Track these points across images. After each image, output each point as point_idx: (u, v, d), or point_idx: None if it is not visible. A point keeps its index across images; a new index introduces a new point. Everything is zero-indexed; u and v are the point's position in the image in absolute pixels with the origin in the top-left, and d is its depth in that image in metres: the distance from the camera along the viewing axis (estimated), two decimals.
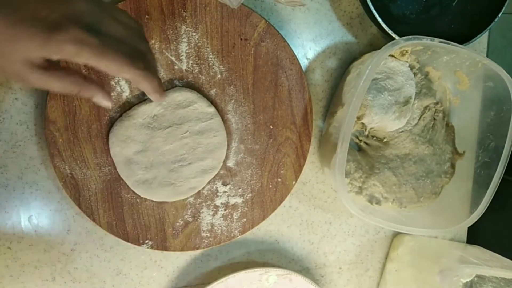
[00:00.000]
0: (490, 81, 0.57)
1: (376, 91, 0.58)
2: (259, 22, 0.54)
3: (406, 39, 0.51)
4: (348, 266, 0.67)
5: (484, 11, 0.59)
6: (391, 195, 0.62)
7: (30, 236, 0.55)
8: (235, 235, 0.58)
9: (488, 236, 0.69)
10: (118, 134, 0.53)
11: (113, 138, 0.53)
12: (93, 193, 0.53)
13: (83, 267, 0.57)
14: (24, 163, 0.53)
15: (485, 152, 0.59)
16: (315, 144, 0.62)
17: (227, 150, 0.56)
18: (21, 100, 0.53)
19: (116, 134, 0.53)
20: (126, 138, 0.53)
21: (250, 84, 0.55)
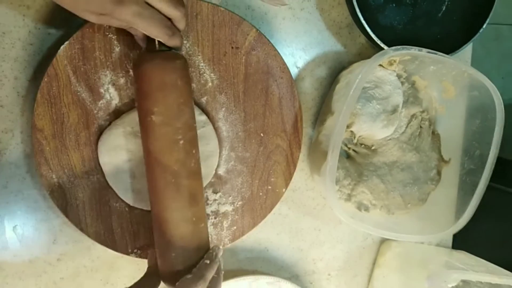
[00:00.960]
0: (475, 90, 0.58)
1: (365, 100, 0.59)
2: (250, 31, 0.54)
3: (395, 49, 0.52)
4: (337, 273, 0.67)
5: (469, 22, 0.60)
6: (379, 202, 0.63)
7: (15, 246, 0.53)
8: (225, 243, 0.58)
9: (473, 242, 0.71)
10: (107, 143, 0.52)
11: (102, 147, 0.52)
12: (81, 202, 0.52)
13: (70, 277, 0.56)
14: (9, 172, 0.52)
15: (470, 160, 0.61)
16: (305, 151, 0.62)
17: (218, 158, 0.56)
18: (7, 107, 0.51)
19: (105, 143, 0.52)
20: (115, 146, 0.52)
21: (241, 92, 0.55)
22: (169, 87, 0.45)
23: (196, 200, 0.47)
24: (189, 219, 0.47)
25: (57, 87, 0.50)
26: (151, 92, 0.45)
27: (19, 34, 0.50)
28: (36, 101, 0.49)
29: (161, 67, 0.45)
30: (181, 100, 0.46)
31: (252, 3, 0.57)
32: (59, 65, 0.49)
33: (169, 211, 0.46)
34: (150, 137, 0.46)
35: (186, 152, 0.46)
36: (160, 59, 0.45)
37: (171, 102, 0.45)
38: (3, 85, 0.51)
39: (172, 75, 0.45)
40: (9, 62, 0.50)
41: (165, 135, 0.45)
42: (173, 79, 0.45)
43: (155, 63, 0.45)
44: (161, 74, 0.45)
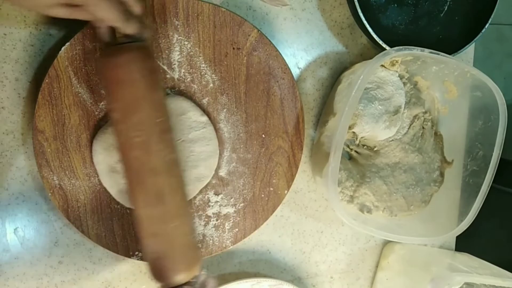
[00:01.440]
0: (478, 91, 0.58)
1: (367, 101, 0.59)
2: (251, 32, 0.54)
3: (397, 49, 0.52)
4: (340, 275, 0.66)
5: (471, 22, 0.60)
6: (382, 204, 0.62)
7: (16, 248, 0.53)
8: (226, 245, 0.57)
9: (477, 243, 0.70)
10: (101, 142, 0.51)
11: (96, 146, 0.51)
12: (82, 204, 0.52)
13: (71, 280, 0.55)
14: (10, 174, 0.52)
15: (473, 161, 0.60)
16: (307, 153, 0.62)
17: (219, 160, 0.56)
18: (8, 109, 0.51)
19: (99, 141, 0.51)
20: (109, 145, 0.51)
21: (242, 93, 0.55)
22: (123, 82, 0.44)
23: (163, 198, 0.46)
24: (157, 217, 0.46)
25: (58, 88, 0.49)
26: (107, 88, 0.44)
27: (20, 35, 0.50)
28: (37, 102, 0.49)
29: (113, 61, 0.44)
30: (138, 94, 0.44)
31: (253, 3, 0.57)
32: (60, 66, 0.49)
33: (137, 209, 0.46)
34: (115, 134, 0.45)
35: (145, 149, 0.44)
36: (112, 52, 0.44)
37: (126, 97, 0.44)
38: (4, 86, 0.51)
39: (124, 69, 0.43)
40: (10, 63, 0.50)
41: (121, 132, 0.45)
42: (126, 73, 0.43)
43: (107, 58, 0.44)
44: (113, 69, 0.44)
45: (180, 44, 0.52)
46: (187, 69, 0.53)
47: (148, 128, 0.45)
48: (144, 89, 0.44)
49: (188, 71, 0.53)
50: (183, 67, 0.53)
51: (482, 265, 0.63)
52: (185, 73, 0.53)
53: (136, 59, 0.44)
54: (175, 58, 0.53)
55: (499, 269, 0.60)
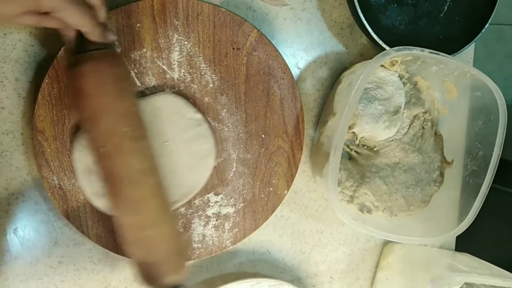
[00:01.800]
0: (478, 91, 0.58)
1: (366, 101, 0.59)
2: (251, 32, 0.54)
3: (397, 49, 0.52)
4: (339, 275, 0.66)
5: (471, 22, 0.60)
6: (382, 204, 0.62)
7: (16, 248, 0.53)
8: (226, 245, 0.57)
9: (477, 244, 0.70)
10: (81, 138, 0.50)
11: (75, 142, 0.50)
12: (82, 204, 0.52)
13: (71, 280, 0.55)
14: (10, 174, 0.52)
15: (473, 161, 0.60)
16: (307, 153, 0.62)
17: (219, 160, 0.56)
18: (8, 109, 0.51)
19: (79, 137, 0.50)
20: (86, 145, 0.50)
21: (242, 93, 0.55)
22: (86, 91, 0.43)
23: (135, 207, 0.45)
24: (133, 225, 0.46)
25: (58, 88, 0.49)
26: (73, 98, 0.44)
27: (20, 35, 0.50)
28: (37, 102, 0.49)
29: (77, 70, 0.43)
30: (101, 104, 0.43)
31: (253, 3, 0.57)
32: (60, 67, 0.49)
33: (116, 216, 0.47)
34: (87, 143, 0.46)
35: (112, 159, 0.44)
36: (77, 61, 0.43)
37: (89, 107, 0.43)
38: (4, 86, 0.51)
39: (87, 78, 0.43)
40: (10, 63, 0.50)
41: (90, 142, 0.45)
42: (89, 83, 0.43)
43: (72, 67, 0.44)
44: (76, 78, 0.43)
45: (180, 44, 0.52)
46: (187, 69, 0.53)
47: (113, 138, 0.44)
48: (108, 98, 0.44)
49: (188, 71, 0.53)
50: (183, 67, 0.53)
51: (482, 265, 0.63)
52: (185, 73, 0.53)
53: (100, 67, 0.44)
54: (175, 58, 0.53)
55: (499, 269, 0.60)
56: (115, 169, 0.45)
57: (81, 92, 0.43)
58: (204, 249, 0.56)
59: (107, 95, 0.44)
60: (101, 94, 0.43)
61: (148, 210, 0.46)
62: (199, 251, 0.56)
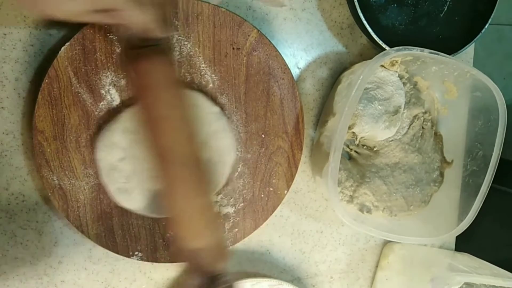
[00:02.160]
0: (478, 91, 0.58)
1: (366, 101, 0.59)
2: (251, 32, 0.54)
3: (397, 49, 0.52)
4: (339, 275, 0.66)
5: (471, 23, 0.60)
6: (382, 204, 0.62)
7: (16, 248, 0.53)
8: (226, 245, 0.57)
9: (477, 244, 0.70)
10: (104, 139, 0.51)
11: (99, 143, 0.51)
12: (82, 204, 0.52)
13: (71, 280, 0.55)
14: (10, 174, 0.52)
15: (473, 161, 0.60)
16: (307, 153, 0.62)
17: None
18: (8, 109, 0.51)
19: (103, 138, 0.51)
20: (111, 143, 0.51)
21: (242, 93, 0.55)
22: (141, 85, 0.45)
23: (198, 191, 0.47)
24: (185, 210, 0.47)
25: (58, 88, 0.49)
26: (151, 87, 0.45)
27: (20, 35, 0.50)
28: (37, 102, 0.49)
29: (140, 66, 0.45)
30: (154, 95, 0.45)
31: (253, 3, 0.57)
32: (60, 66, 0.49)
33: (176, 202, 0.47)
34: (159, 132, 0.46)
35: (172, 140, 0.46)
36: (138, 56, 0.45)
37: (146, 98, 0.45)
38: (4, 86, 0.51)
39: (150, 73, 0.45)
40: (10, 63, 0.50)
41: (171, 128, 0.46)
42: (142, 78, 0.45)
43: (133, 61, 0.45)
44: (140, 73, 0.45)
45: (180, 44, 0.52)
46: (187, 69, 0.53)
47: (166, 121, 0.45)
48: (163, 89, 0.45)
49: (188, 71, 0.53)
50: (182, 67, 0.53)
51: (482, 265, 0.63)
52: (185, 73, 0.53)
53: (156, 64, 0.45)
54: (175, 58, 0.53)
55: (499, 269, 0.60)
56: (167, 149, 0.45)
57: (140, 85, 0.45)
58: None
59: (162, 86, 0.45)
60: (157, 86, 0.45)
61: (206, 197, 0.48)
62: None
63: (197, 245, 0.47)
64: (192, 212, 0.47)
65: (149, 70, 0.45)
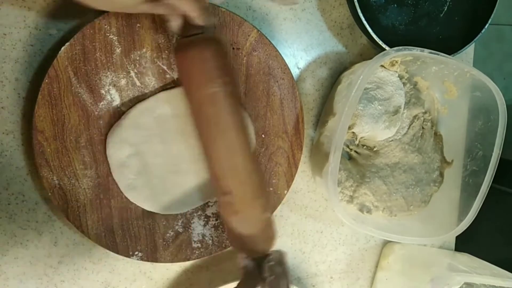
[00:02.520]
0: (478, 91, 0.58)
1: (366, 101, 0.59)
2: (251, 32, 0.54)
3: (397, 49, 0.52)
4: (339, 275, 0.66)
5: (471, 23, 0.60)
6: (382, 204, 0.62)
7: (16, 248, 0.53)
8: (226, 245, 0.57)
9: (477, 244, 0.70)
10: (114, 135, 0.52)
11: (109, 138, 0.52)
12: (82, 204, 0.52)
13: (71, 280, 0.55)
14: (10, 174, 0.52)
15: (473, 161, 0.60)
16: (307, 153, 0.62)
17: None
18: (8, 109, 0.51)
19: (113, 134, 0.52)
20: (121, 139, 0.52)
21: (242, 93, 0.55)
22: (190, 71, 0.47)
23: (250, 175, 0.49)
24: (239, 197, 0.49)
25: (58, 88, 0.49)
26: (184, 74, 0.47)
27: (20, 35, 0.50)
28: (37, 102, 0.49)
29: (190, 54, 0.46)
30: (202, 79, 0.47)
31: (253, 3, 0.57)
32: (60, 66, 0.49)
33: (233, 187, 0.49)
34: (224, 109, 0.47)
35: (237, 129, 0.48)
36: (188, 45, 0.46)
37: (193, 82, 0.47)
38: (4, 86, 0.51)
39: (200, 60, 0.46)
40: (10, 63, 0.50)
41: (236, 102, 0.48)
42: (191, 65, 0.47)
43: (183, 50, 0.47)
44: (190, 60, 0.47)
45: None
46: None
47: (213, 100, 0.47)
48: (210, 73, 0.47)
49: None
50: None
51: (482, 265, 0.63)
52: None
53: (205, 51, 0.46)
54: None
55: (499, 269, 0.60)
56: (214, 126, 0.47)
57: (189, 71, 0.47)
58: (204, 249, 0.56)
59: (210, 72, 0.46)
60: (205, 72, 0.46)
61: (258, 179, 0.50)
62: (199, 251, 0.56)
63: (250, 229, 0.50)
64: (253, 180, 0.49)
65: (198, 57, 0.46)
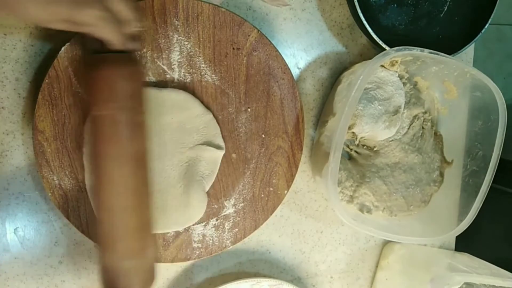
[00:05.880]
0: (478, 91, 0.58)
1: (366, 101, 0.59)
2: (251, 32, 0.54)
3: (397, 49, 0.52)
4: (339, 275, 0.66)
5: (471, 23, 0.60)
6: (382, 204, 0.62)
7: (16, 248, 0.53)
8: (226, 245, 0.57)
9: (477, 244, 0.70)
10: None
11: None
12: (82, 204, 0.52)
13: (71, 280, 0.55)
14: (10, 174, 0.52)
15: (473, 161, 0.60)
16: (307, 153, 0.62)
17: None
18: (8, 109, 0.51)
19: None
20: None
21: (242, 93, 0.55)
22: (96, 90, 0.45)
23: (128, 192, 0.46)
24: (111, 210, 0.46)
25: (58, 88, 0.50)
26: (91, 91, 0.45)
27: (20, 35, 0.50)
28: (37, 102, 0.49)
29: (92, 72, 0.45)
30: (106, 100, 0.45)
31: (253, 4, 0.57)
32: (60, 66, 0.49)
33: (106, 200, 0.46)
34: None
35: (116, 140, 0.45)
36: (92, 62, 0.45)
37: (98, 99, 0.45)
38: (4, 86, 0.51)
39: (98, 80, 0.44)
40: (10, 63, 0.50)
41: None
42: (97, 84, 0.45)
43: (94, 67, 0.44)
44: (89, 78, 0.45)
45: (180, 44, 0.53)
46: (187, 69, 0.53)
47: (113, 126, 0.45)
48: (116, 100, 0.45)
49: (188, 71, 0.53)
50: (183, 67, 0.53)
51: (482, 265, 0.63)
52: (185, 73, 0.53)
53: (114, 70, 0.44)
54: (175, 58, 0.53)
55: (499, 269, 0.60)
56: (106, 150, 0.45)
57: (94, 89, 0.45)
58: (204, 249, 0.56)
59: (117, 97, 0.44)
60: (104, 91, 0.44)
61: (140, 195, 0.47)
62: (199, 251, 0.56)
63: (128, 263, 0.46)
64: (131, 220, 0.45)
65: (110, 76, 0.44)
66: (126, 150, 0.45)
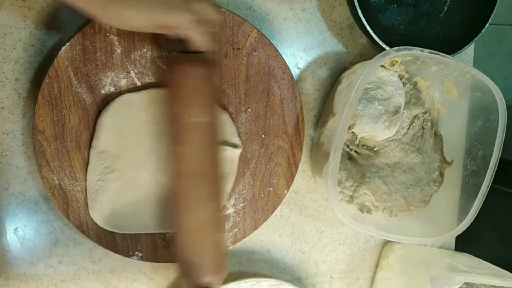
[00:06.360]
0: (478, 91, 0.58)
1: (366, 101, 0.59)
2: (251, 32, 0.54)
3: (397, 49, 0.52)
4: (339, 275, 0.66)
5: (471, 23, 0.60)
6: (382, 204, 0.62)
7: (16, 248, 0.53)
8: (226, 245, 0.57)
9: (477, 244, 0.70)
10: None
11: None
12: (82, 204, 0.52)
13: (71, 280, 0.55)
14: (10, 174, 0.52)
15: (473, 161, 0.60)
16: (307, 153, 0.62)
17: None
18: (8, 109, 0.51)
19: None
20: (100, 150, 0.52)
21: (242, 93, 0.55)
22: (178, 84, 0.48)
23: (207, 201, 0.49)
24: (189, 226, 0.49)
25: (58, 88, 0.50)
26: (174, 89, 0.47)
27: (20, 35, 0.50)
28: (37, 102, 0.49)
29: (185, 70, 0.47)
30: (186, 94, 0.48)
31: (253, 4, 0.57)
32: (60, 67, 0.49)
33: None
34: None
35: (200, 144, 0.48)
36: (183, 61, 0.48)
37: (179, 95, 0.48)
38: (4, 86, 0.51)
39: (194, 77, 0.47)
40: (10, 63, 0.50)
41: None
42: (180, 80, 0.47)
43: (178, 65, 0.47)
44: (183, 76, 0.47)
45: None
46: None
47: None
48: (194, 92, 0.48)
49: None
50: None
51: (481, 265, 0.63)
52: None
53: (197, 69, 0.47)
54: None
55: (499, 269, 0.60)
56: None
57: (177, 84, 0.47)
58: None
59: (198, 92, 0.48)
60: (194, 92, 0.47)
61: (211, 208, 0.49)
62: None
63: (211, 279, 0.48)
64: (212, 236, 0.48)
65: (190, 74, 0.47)
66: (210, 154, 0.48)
